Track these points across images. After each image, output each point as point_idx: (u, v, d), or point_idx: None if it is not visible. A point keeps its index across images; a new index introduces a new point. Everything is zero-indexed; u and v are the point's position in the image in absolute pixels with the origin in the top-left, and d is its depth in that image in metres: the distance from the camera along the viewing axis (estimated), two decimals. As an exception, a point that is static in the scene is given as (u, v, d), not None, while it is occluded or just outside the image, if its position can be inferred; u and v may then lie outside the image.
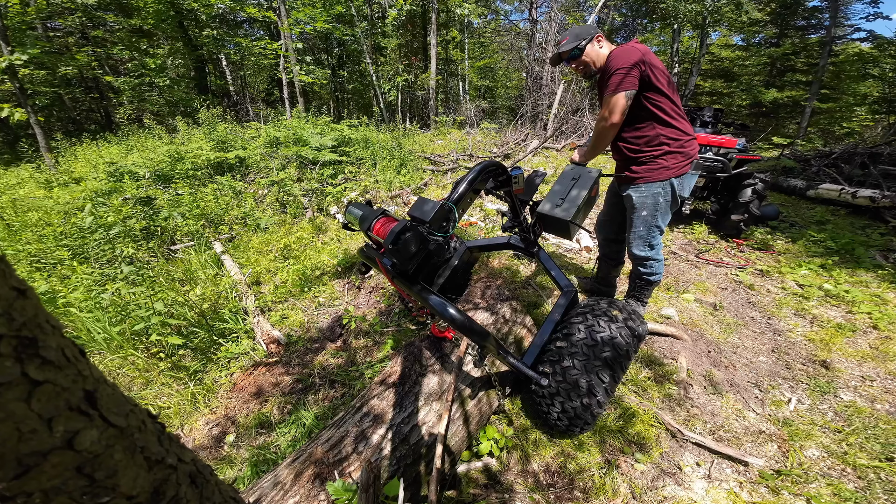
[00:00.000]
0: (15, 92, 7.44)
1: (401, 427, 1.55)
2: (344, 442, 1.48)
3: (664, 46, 19.31)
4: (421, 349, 1.90)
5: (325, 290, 3.35)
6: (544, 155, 8.48)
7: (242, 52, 14.61)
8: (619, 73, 1.85)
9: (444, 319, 1.31)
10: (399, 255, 1.25)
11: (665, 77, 1.93)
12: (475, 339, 1.37)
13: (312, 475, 1.35)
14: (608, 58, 1.95)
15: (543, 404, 1.77)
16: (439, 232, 1.39)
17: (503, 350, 1.57)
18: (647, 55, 1.87)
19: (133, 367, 2.37)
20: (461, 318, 1.33)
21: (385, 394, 1.69)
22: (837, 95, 15.76)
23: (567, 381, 1.65)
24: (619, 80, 1.85)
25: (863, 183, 5.68)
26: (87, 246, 3.60)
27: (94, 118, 16.29)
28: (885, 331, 2.68)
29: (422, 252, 1.31)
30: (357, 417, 1.59)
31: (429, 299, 1.33)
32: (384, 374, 1.83)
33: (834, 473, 1.74)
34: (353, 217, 1.48)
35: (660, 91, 1.92)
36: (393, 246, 1.23)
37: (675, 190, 2.07)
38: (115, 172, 5.54)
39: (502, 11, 19.33)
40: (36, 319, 0.43)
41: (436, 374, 1.77)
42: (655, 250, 2.26)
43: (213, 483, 0.80)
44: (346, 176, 6.15)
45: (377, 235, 1.35)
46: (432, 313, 1.75)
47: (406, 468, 1.48)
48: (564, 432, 1.80)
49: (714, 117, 4.72)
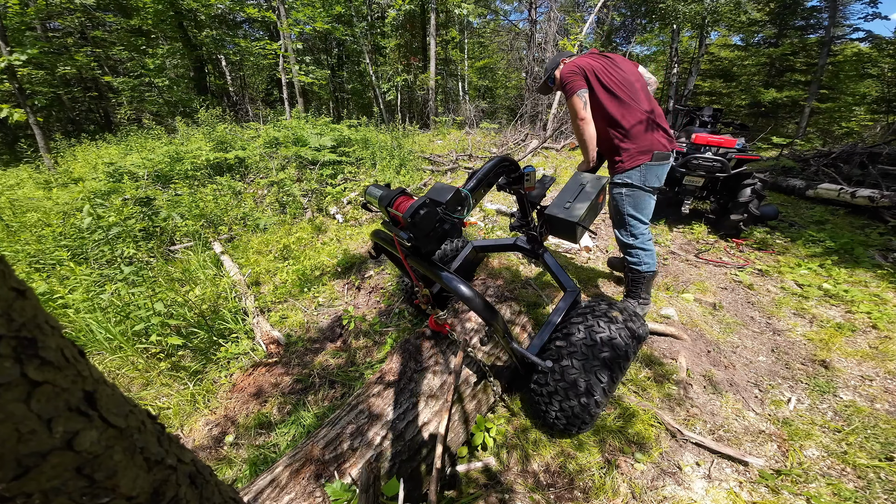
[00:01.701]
0: (14, 92, 7.43)
1: (396, 424, 1.55)
2: (340, 439, 1.48)
3: (663, 46, 19.35)
4: (417, 346, 1.89)
5: (325, 290, 3.35)
6: (544, 155, 8.49)
7: (242, 52, 14.60)
8: (567, 81, 2.23)
9: (455, 294, 1.37)
10: (417, 229, 1.32)
11: (611, 78, 2.21)
12: (485, 316, 1.40)
13: (308, 473, 1.35)
14: (560, 70, 2.33)
15: (542, 403, 1.76)
16: (454, 215, 1.46)
17: (508, 335, 1.57)
18: (587, 62, 2.23)
19: (133, 367, 2.36)
20: (472, 294, 1.38)
21: (381, 392, 1.69)
22: (836, 95, 15.79)
23: (566, 381, 1.65)
24: (570, 86, 2.21)
25: (862, 183, 5.69)
26: (85, 246, 3.60)
27: (93, 118, 16.28)
28: (884, 330, 2.69)
29: (437, 229, 1.38)
30: (353, 415, 1.59)
31: (441, 275, 1.40)
32: (380, 372, 1.83)
33: (834, 473, 1.74)
34: (373, 196, 1.53)
35: (600, 91, 2.22)
36: (412, 219, 1.30)
37: (638, 181, 2.27)
38: (115, 173, 5.54)
39: (501, 11, 19.33)
40: (35, 320, 0.43)
41: (432, 373, 1.77)
42: (639, 240, 2.41)
43: (212, 483, 0.80)
44: (346, 176, 6.15)
45: (397, 211, 1.40)
46: (429, 303, 1.77)
47: (401, 465, 1.48)
48: (563, 431, 1.80)
49: (713, 117, 4.72)
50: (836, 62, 15.20)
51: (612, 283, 3.29)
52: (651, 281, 2.53)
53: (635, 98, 2.22)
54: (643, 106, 2.24)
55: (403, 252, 1.50)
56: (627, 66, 2.30)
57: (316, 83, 12.31)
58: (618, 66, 2.25)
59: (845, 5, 14.61)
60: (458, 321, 2.06)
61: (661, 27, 15.56)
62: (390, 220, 1.48)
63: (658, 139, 2.25)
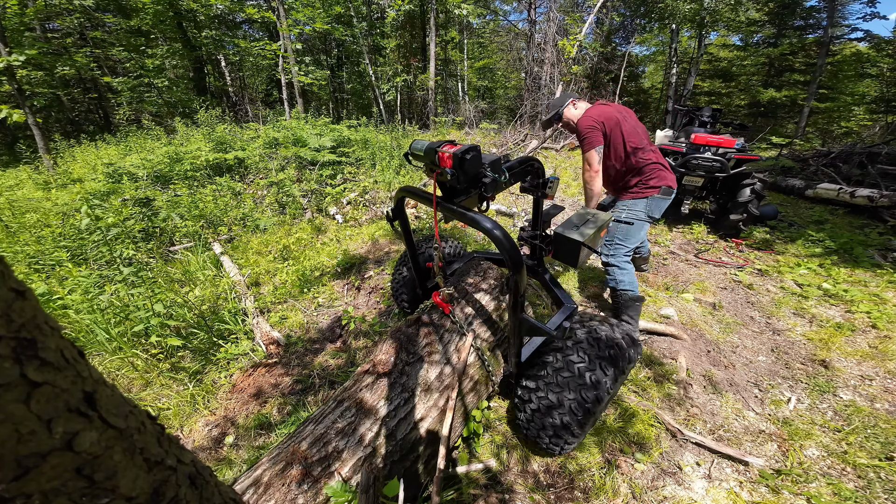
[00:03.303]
0: (13, 93, 7.42)
1: (387, 422, 1.46)
2: (325, 439, 1.39)
3: (663, 46, 19.36)
4: (409, 335, 1.78)
5: (325, 290, 3.34)
6: (543, 155, 8.50)
7: (241, 52, 14.58)
8: (587, 135, 2.40)
9: (483, 232, 1.41)
10: (462, 169, 1.44)
11: (625, 128, 2.41)
12: (511, 259, 1.38)
13: (292, 478, 1.27)
14: (579, 120, 2.50)
15: (524, 418, 1.71)
16: (493, 174, 1.58)
17: (524, 300, 1.51)
18: (604, 115, 2.41)
19: (132, 368, 2.36)
20: (502, 235, 1.39)
21: (371, 385, 1.58)
22: (835, 95, 15.80)
23: (541, 411, 1.61)
24: (589, 140, 2.39)
25: (861, 182, 5.70)
26: (85, 247, 3.59)
27: (92, 119, 16.26)
28: (883, 330, 2.69)
29: (479, 176, 1.52)
30: (338, 412, 1.49)
31: (474, 216, 1.45)
32: (370, 363, 1.71)
33: (834, 473, 1.74)
34: (419, 148, 1.61)
35: (617, 139, 2.43)
36: (461, 157, 1.42)
37: (643, 210, 2.47)
38: (114, 173, 5.53)
39: (501, 12, 19.34)
40: (35, 321, 0.43)
41: (427, 364, 1.66)
42: (615, 258, 2.53)
43: (212, 484, 0.80)
44: (346, 176, 6.15)
45: (444, 157, 1.49)
46: (443, 272, 1.85)
47: (393, 465, 1.40)
48: (545, 450, 1.73)
49: (712, 117, 4.73)
50: (835, 62, 15.22)
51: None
52: (634, 306, 2.50)
53: (643, 143, 2.45)
54: (651, 148, 2.47)
55: (436, 197, 1.59)
56: (632, 116, 2.54)
57: (315, 83, 12.30)
58: (627, 117, 2.48)
59: (844, 5, 14.62)
60: (459, 306, 1.94)
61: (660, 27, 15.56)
62: (435, 163, 1.55)
63: (667, 176, 2.47)
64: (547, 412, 1.61)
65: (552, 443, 1.64)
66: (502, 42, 18.54)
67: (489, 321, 1.93)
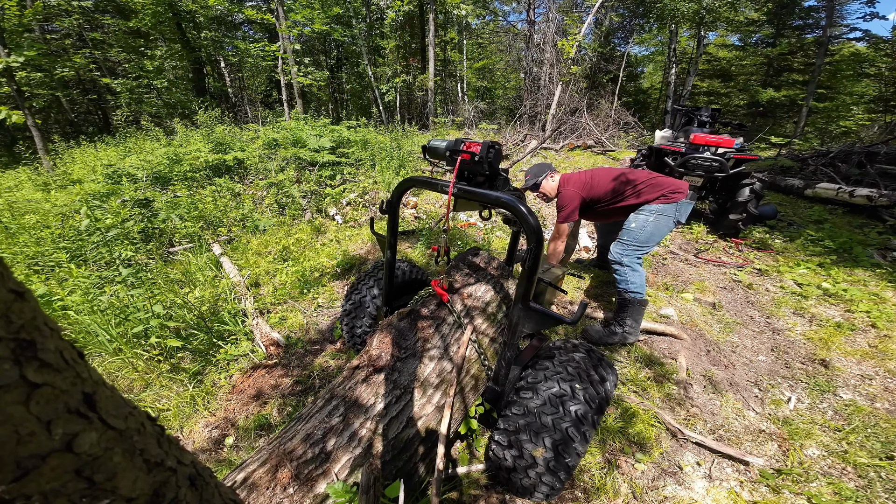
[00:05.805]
0: (12, 94, 7.41)
1: (378, 420, 1.41)
2: (311, 440, 1.34)
3: (662, 47, 19.39)
4: (402, 330, 1.71)
5: (325, 291, 3.34)
6: (543, 155, 8.50)
7: (241, 53, 14.58)
8: (566, 207, 2.56)
9: (504, 207, 1.48)
10: (489, 153, 1.60)
11: (605, 185, 2.58)
12: (534, 231, 1.36)
13: (279, 478, 1.23)
14: (558, 192, 2.66)
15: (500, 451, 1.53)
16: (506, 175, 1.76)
17: (529, 283, 1.40)
18: (581, 187, 2.59)
19: (132, 369, 2.36)
20: (524, 207, 1.41)
21: (362, 381, 1.52)
22: (834, 95, 15.85)
23: (518, 451, 1.46)
24: (566, 212, 2.55)
25: (860, 182, 5.70)
26: (84, 248, 3.59)
27: (91, 120, 16.26)
28: (883, 329, 2.69)
29: (497, 169, 1.67)
30: (326, 411, 1.43)
31: (497, 196, 1.49)
32: (361, 358, 1.63)
33: (834, 472, 1.74)
34: (437, 145, 1.73)
35: (597, 199, 2.62)
36: (489, 149, 1.60)
37: (672, 213, 2.49)
38: (113, 174, 5.53)
39: (500, 12, 19.38)
40: (34, 322, 0.43)
41: (424, 359, 1.61)
42: (628, 258, 2.51)
43: (212, 485, 0.79)
44: (345, 177, 6.15)
45: (472, 145, 1.63)
46: (446, 255, 1.89)
47: (384, 465, 1.36)
48: (524, 492, 1.54)
49: (711, 117, 4.74)
50: (834, 62, 15.26)
51: (610, 282, 3.29)
52: (639, 310, 2.48)
53: (628, 180, 2.57)
54: (642, 177, 2.55)
55: (453, 186, 1.65)
56: (603, 171, 2.68)
57: (315, 84, 12.31)
58: (596, 175, 2.64)
59: (842, 5, 14.67)
60: (458, 296, 1.88)
61: (659, 27, 15.59)
62: (460, 151, 1.67)
63: (683, 184, 2.51)
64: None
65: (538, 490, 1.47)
66: (501, 42, 18.59)
67: (489, 313, 1.86)
